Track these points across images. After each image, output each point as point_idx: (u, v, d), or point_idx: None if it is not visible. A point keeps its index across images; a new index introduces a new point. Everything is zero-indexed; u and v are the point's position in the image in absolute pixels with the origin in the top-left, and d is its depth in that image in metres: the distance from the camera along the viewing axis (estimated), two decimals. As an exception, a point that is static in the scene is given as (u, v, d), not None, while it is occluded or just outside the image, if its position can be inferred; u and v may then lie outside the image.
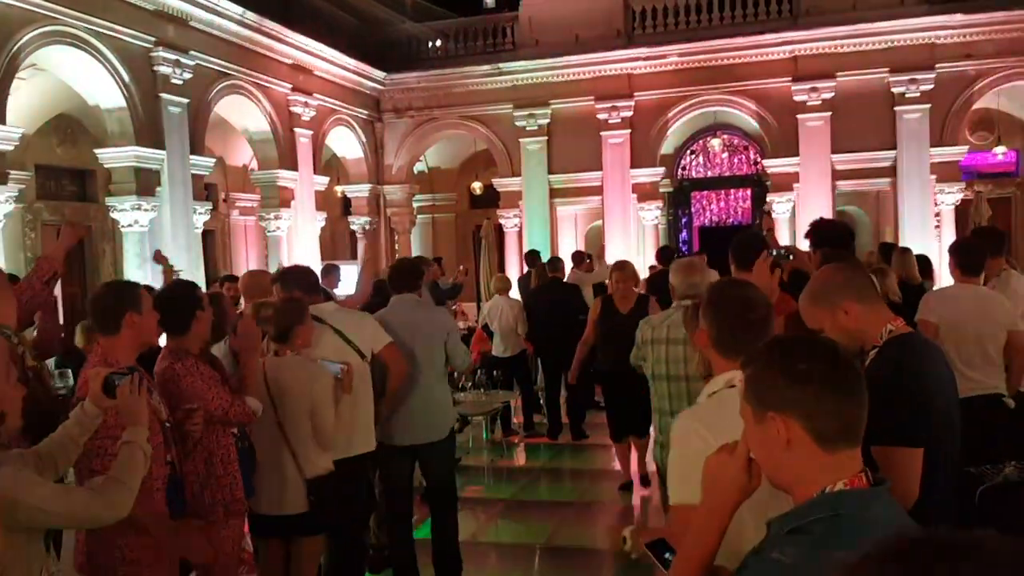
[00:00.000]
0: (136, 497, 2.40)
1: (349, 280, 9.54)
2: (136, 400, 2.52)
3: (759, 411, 1.53)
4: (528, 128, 15.01)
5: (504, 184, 15.49)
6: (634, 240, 14.48)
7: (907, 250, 6.38)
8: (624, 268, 6.73)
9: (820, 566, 1.35)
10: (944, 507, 2.49)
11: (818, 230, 4.88)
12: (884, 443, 2.32)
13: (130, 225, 10.28)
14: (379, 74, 15.38)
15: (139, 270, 10.14)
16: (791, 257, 5.07)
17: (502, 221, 15.59)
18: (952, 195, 13.47)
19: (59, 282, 3.92)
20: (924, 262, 6.99)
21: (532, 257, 10.42)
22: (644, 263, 12.61)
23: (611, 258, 10.97)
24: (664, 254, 9.83)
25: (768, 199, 14.36)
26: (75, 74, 9.87)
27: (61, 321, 4.26)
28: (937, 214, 13.52)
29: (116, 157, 10.22)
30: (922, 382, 2.40)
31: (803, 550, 1.42)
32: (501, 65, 14.86)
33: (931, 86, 13.09)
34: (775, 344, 1.59)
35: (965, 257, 4.78)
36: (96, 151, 10.39)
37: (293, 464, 3.78)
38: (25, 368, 2.30)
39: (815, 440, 1.48)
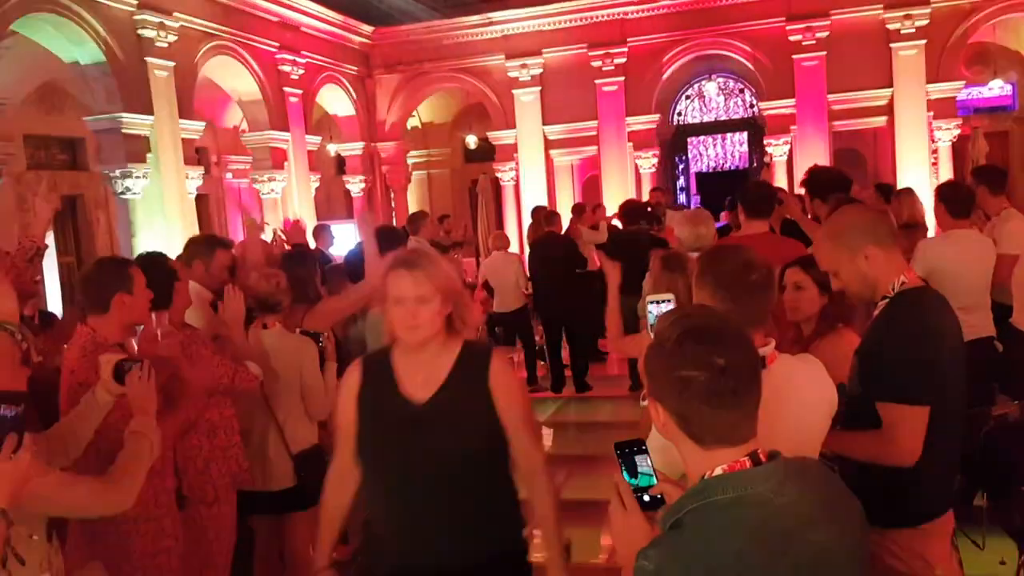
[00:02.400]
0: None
1: (341, 240, 9.50)
2: (145, 388, 2.50)
3: (647, 390, 1.53)
4: (521, 79, 14.80)
5: (499, 137, 15.33)
6: (631, 189, 14.37)
7: (909, 191, 6.26)
8: None
9: (682, 569, 1.34)
10: (950, 455, 2.49)
11: (815, 178, 4.84)
12: (889, 400, 2.30)
13: (122, 192, 10.18)
14: (367, 28, 15.13)
15: (134, 238, 10.10)
16: (781, 202, 5.04)
17: (499, 175, 15.48)
18: (949, 131, 13.33)
19: (55, 253, 3.88)
20: None
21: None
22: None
23: (610, 209, 10.85)
24: (629, 212, 8.82)
25: (765, 143, 14.24)
26: (58, 41, 9.70)
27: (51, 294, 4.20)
28: (934, 151, 13.41)
29: (104, 124, 10.09)
30: (932, 340, 2.35)
31: (665, 551, 1.39)
32: (492, 15, 14.61)
33: (926, 21, 12.86)
34: (673, 333, 1.48)
35: (954, 201, 4.72)
36: (84, 119, 10.27)
37: (280, 439, 3.75)
38: (31, 362, 2.27)
39: (689, 438, 1.47)
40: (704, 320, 1.52)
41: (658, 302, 2.27)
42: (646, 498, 1.57)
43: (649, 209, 9.43)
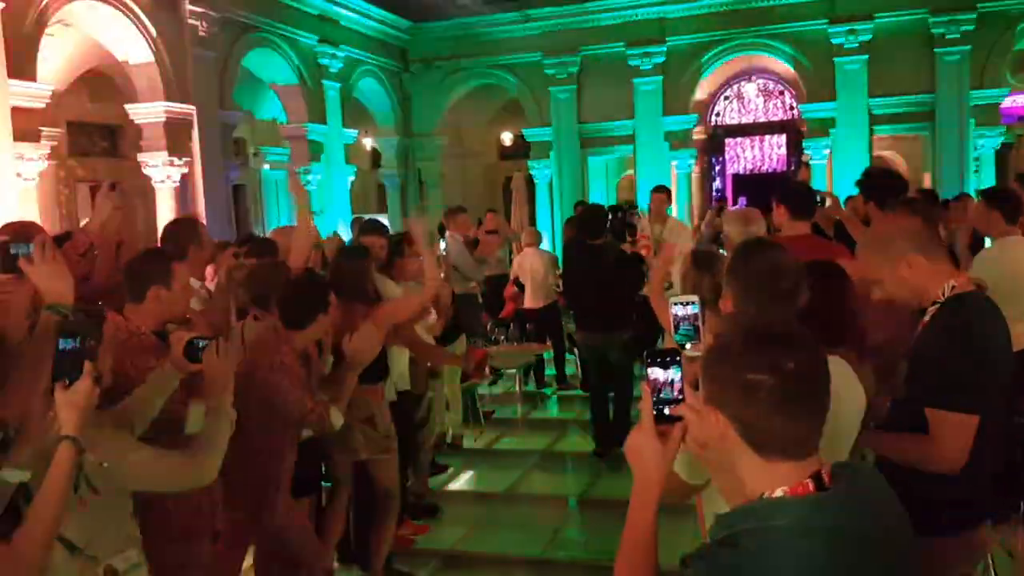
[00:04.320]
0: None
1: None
2: (222, 365, 2.53)
3: (704, 396, 1.44)
4: (558, 76, 14.77)
5: (534, 134, 15.31)
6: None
7: (967, 196, 6.09)
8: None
9: None
10: (990, 464, 2.44)
11: (871, 180, 4.72)
12: (938, 407, 2.26)
13: (162, 181, 10.31)
14: (405, 23, 15.18)
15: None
16: (827, 203, 4.96)
17: (532, 172, 15.46)
18: (992, 139, 13.12)
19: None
20: None
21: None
22: (678, 213, 12.46)
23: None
24: (587, 224, 6.71)
25: (804, 145, 14.08)
26: (103, 29, 9.84)
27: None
28: (976, 158, 13.19)
29: (146, 113, 10.22)
30: (982, 345, 2.30)
31: (714, 570, 1.32)
32: (530, 11, 14.59)
33: (972, 27, 12.64)
34: (738, 336, 1.42)
35: (1008, 207, 4.60)
36: (126, 107, 10.40)
37: None
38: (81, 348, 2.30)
39: (751, 448, 1.38)
40: (769, 322, 1.45)
41: (683, 304, 2.20)
42: (666, 411, 1.51)
43: (619, 214, 7.17)
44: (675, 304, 2.19)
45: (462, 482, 6.50)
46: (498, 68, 15.34)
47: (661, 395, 1.53)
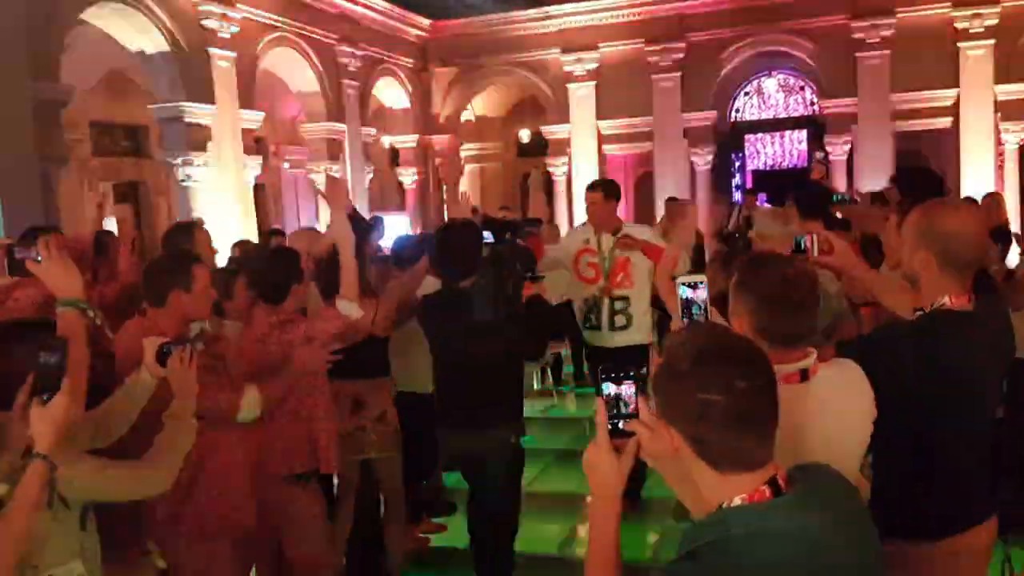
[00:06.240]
0: None
1: (392, 232, 9.55)
2: (184, 372, 2.51)
3: (657, 412, 1.46)
4: (576, 73, 14.74)
5: (552, 131, 15.30)
6: (686, 186, 14.23)
7: (997, 195, 5.96)
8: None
9: None
10: (970, 472, 2.42)
11: (908, 177, 4.64)
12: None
13: (183, 180, 10.40)
14: (424, 21, 15.21)
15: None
16: (855, 200, 4.88)
17: (551, 169, 15.44)
18: (1017, 134, 12.95)
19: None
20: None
21: None
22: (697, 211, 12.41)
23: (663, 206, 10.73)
24: (448, 257, 4.01)
25: (824, 140, 13.97)
26: (124, 30, 9.93)
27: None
28: (1000, 154, 13.03)
29: (167, 113, 10.31)
30: (946, 364, 2.27)
31: None
32: (548, 8, 14.57)
33: (995, 21, 12.48)
34: (688, 353, 1.41)
35: None
36: (148, 107, 10.50)
37: None
38: (103, 339, 2.32)
39: (706, 463, 1.40)
40: (719, 340, 1.46)
41: (691, 285, 2.14)
42: (621, 425, 1.53)
43: (509, 235, 4.95)
44: (683, 285, 2.15)
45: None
46: (516, 65, 15.33)
47: (615, 410, 1.55)
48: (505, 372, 3.93)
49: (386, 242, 8.94)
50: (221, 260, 5.06)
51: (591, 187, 5.81)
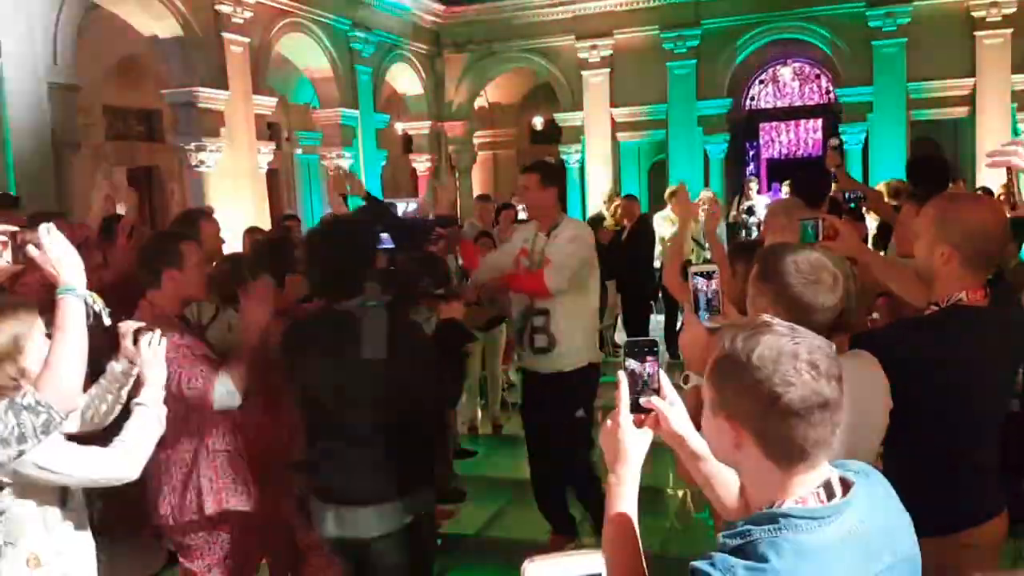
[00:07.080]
0: None
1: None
2: (152, 357, 2.48)
3: (715, 406, 1.42)
4: (590, 60, 14.65)
5: (566, 119, 15.24)
6: (700, 174, 14.17)
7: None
8: None
9: None
10: (979, 467, 2.40)
11: (916, 167, 4.59)
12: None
13: (196, 165, 10.41)
14: (439, 7, 15.16)
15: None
16: (865, 198, 4.84)
17: (564, 157, 15.39)
18: (1035, 124, 12.83)
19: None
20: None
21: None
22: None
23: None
24: (332, 271, 2.96)
25: (840, 130, 13.87)
26: (138, 15, 9.93)
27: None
28: (1019, 144, 12.88)
29: (180, 98, 10.32)
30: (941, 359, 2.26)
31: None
32: (563, -6, 14.50)
33: (1013, 9, 12.30)
34: (755, 343, 1.36)
35: None
36: (161, 92, 10.51)
37: None
38: (104, 327, 2.32)
39: (767, 458, 1.36)
40: (790, 331, 1.38)
41: (706, 275, 2.11)
42: (641, 401, 1.54)
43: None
44: (696, 276, 2.12)
45: (489, 467, 6.53)
46: (530, 52, 15.26)
47: (636, 386, 1.55)
48: (404, 429, 2.84)
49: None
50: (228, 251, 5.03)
51: (526, 168, 4.50)
